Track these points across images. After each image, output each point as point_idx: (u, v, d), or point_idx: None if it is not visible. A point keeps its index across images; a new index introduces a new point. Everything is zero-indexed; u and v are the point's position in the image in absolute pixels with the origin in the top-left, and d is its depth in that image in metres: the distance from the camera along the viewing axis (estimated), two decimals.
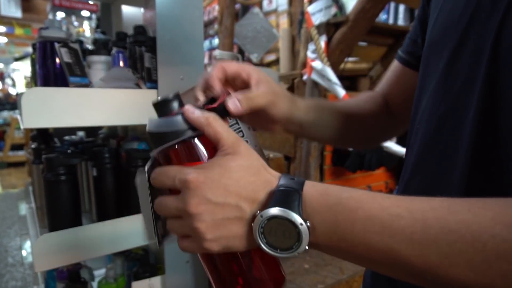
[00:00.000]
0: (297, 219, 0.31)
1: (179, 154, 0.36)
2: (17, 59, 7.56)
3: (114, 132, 1.29)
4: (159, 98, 0.37)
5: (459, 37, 0.39)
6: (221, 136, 0.34)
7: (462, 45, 0.38)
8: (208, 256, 0.37)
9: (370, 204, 0.31)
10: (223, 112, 0.40)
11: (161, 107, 0.37)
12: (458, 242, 0.27)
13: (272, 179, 0.34)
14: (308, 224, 0.31)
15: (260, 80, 0.45)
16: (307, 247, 0.32)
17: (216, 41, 4.14)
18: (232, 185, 0.32)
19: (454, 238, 0.27)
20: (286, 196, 0.32)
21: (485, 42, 0.35)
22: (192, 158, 0.36)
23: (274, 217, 0.31)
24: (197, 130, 0.35)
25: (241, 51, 2.63)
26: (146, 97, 0.83)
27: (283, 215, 0.31)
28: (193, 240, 0.34)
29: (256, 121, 0.50)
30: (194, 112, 0.35)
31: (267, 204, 0.32)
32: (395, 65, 0.60)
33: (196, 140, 0.35)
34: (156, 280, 0.91)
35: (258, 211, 0.32)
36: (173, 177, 0.33)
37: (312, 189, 0.33)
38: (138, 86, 0.88)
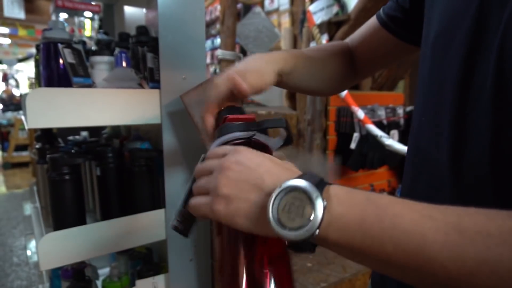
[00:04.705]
0: (314, 191, 0.29)
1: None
2: (20, 60, 7.60)
3: (117, 132, 1.30)
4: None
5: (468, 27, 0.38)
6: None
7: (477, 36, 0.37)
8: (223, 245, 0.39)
9: (400, 205, 0.29)
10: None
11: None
12: (500, 247, 0.24)
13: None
14: (325, 203, 0.29)
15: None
16: (317, 232, 0.29)
17: (218, 40, 4.14)
18: (266, 162, 0.35)
19: (495, 242, 0.24)
20: (310, 177, 0.31)
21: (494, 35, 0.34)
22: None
23: (292, 189, 0.30)
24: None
25: (243, 51, 2.64)
26: (149, 97, 0.83)
27: (302, 186, 0.30)
28: (208, 196, 0.36)
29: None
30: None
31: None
32: (372, 22, 0.60)
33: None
34: (160, 279, 0.92)
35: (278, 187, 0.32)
36: (224, 148, 0.39)
37: (338, 187, 0.32)
38: (141, 86, 0.89)
